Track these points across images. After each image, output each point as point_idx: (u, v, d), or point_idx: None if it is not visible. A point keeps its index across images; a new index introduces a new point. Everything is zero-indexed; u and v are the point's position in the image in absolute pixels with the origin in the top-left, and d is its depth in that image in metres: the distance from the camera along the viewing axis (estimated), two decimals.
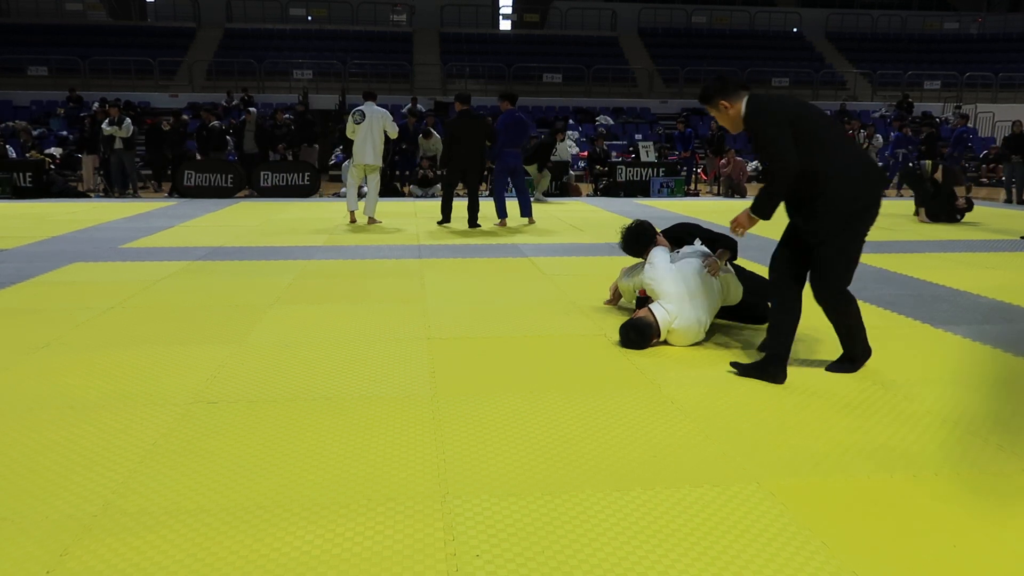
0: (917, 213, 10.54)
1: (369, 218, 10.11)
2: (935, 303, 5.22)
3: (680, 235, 4.67)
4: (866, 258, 7.18)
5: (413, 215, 11.08)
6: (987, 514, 2.31)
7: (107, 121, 14.05)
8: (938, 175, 10.15)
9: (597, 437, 2.87)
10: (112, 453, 2.69)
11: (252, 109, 15.80)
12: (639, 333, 4.02)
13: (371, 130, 9.52)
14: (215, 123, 15.33)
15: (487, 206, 10.50)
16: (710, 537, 2.16)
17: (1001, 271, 6.58)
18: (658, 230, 4.58)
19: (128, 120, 14.15)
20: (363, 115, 9.54)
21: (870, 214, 3.41)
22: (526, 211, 9.94)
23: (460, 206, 9.78)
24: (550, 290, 5.62)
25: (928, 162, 10.65)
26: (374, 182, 10.00)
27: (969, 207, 10.28)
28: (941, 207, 10.20)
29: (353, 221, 9.99)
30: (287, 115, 16.01)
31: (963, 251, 7.78)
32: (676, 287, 4.08)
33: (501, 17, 32.60)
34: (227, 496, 2.38)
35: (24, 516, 2.25)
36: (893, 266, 6.73)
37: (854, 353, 3.67)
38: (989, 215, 11.54)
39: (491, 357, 3.93)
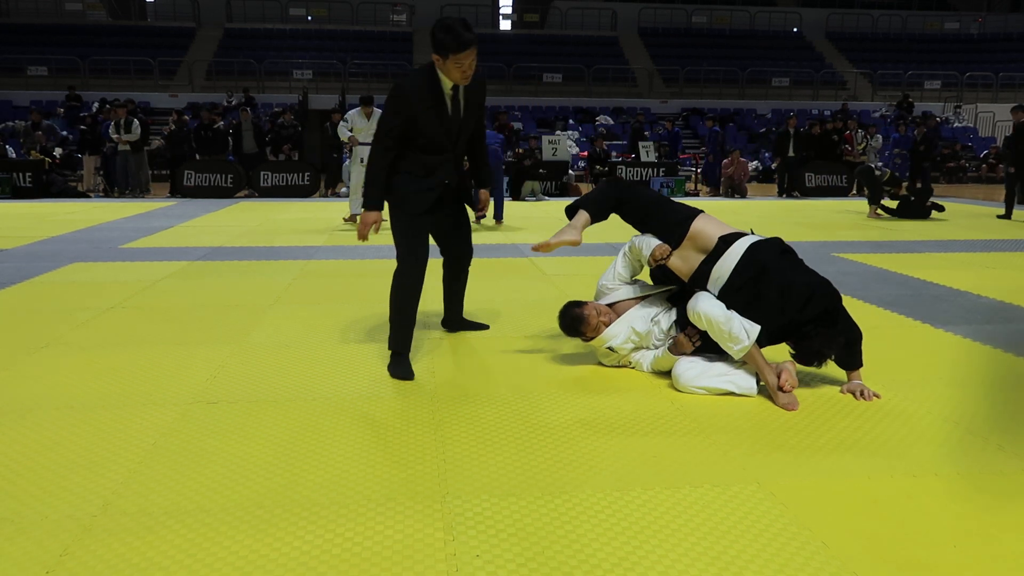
0: (875, 213, 11.30)
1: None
2: (935, 303, 5.22)
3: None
4: (866, 258, 7.19)
5: None
6: (987, 514, 2.30)
7: (112, 126, 13.97)
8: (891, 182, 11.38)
9: (597, 437, 2.87)
10: (112, 453, 2.69)
11: (247, 109, 15.79)
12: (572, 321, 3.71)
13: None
14: (220, 124, 15.33)
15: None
16: (710, 537, 2.16)
17: (1001, 271, 6.58)
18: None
19: (136, 122, 14.11)
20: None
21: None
22: (498, 214, 10.14)
23: None
24: (550, 290, 5.62)
25: (888, 171, 11.86)
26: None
27: (908, 201, 11.07)
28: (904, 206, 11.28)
29: (353, 220, 10.01)
30: (292, 116, 16.04)
31: (963, 251, 7.78)
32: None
33: (501, 17, 32.59)
34: (227, 496, 2.38)
35: (24, 516, 2.25)
36: (893, 266, 6.73)
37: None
38: (990, 215, 11.54)
39: (491, 357, 3.93)
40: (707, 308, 3.26)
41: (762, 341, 3.28)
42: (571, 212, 3.84)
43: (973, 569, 2.01)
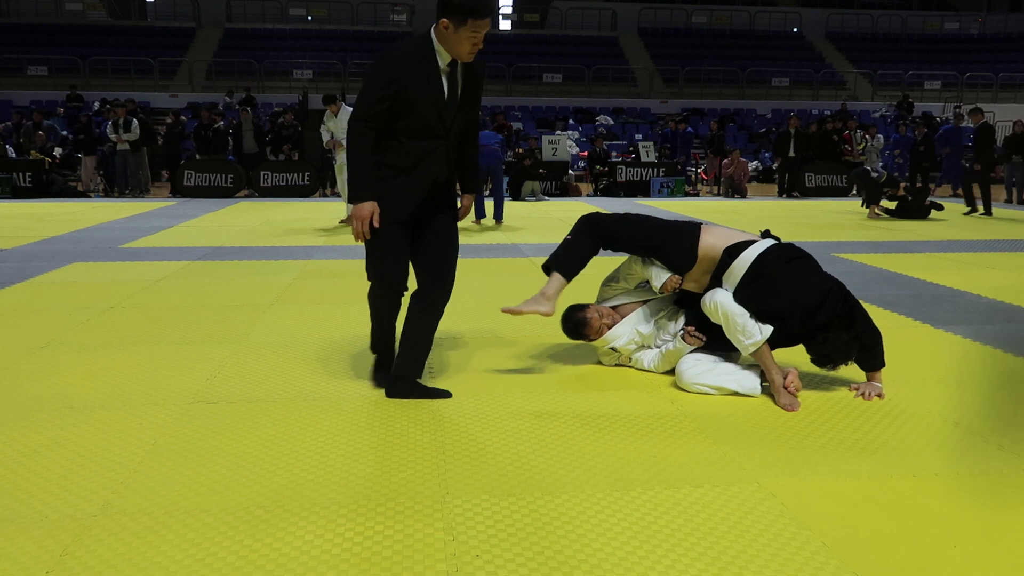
0: (875, 214, 11.30)
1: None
2: (935, 303, 5.22)
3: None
4: (866, 258, 7.19)
5: None
6: (987, 514, 2.30)
7: (110, 125, 13.99)
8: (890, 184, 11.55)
9: (597, 437, 2.87)
10: (112, 453, 2.69)
11: (247, 109, 15.79)
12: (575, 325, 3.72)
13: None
14: (220, 124, 15.32)
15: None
16: (710, 537, 2.16)
17: (1001, 271, 6.58)
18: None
19: (136, 122, 14.10)
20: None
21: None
22: (498, 214, 10.17)
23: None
24: None
25: (886, 172, 12.00)
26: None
27: (906, 201, 11.16)
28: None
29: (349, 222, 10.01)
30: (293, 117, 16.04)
31: (963, 251, 7.78)
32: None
33: (501, 17, 32.61)
34: (227, 496, 2.38)
35: (24, 516, 2.25)
36: (893, 266, 6.73)
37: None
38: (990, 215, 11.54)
39: (491, 357, 3.93)
40: (723, 300, 3.28)
41: (775, 342, 3.28)
42: (548, 270, 3.61)
43: (973, 569, 2.01)
